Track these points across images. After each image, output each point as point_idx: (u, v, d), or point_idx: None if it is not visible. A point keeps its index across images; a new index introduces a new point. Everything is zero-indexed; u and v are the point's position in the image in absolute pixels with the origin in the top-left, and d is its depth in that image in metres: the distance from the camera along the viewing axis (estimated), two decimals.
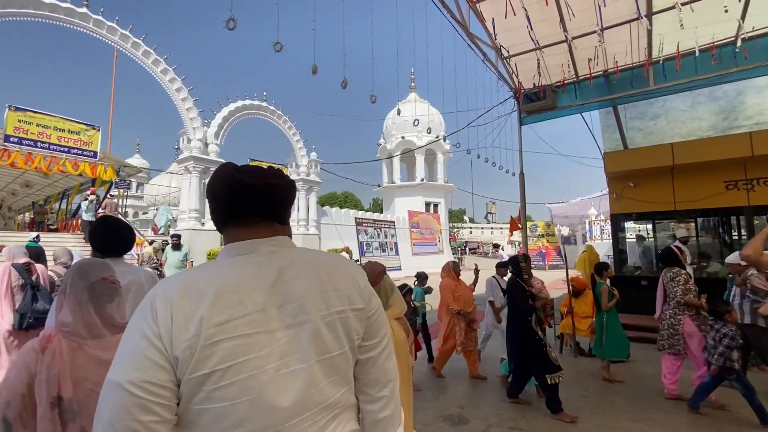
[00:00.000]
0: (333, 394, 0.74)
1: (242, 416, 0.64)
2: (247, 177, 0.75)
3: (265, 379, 0.66)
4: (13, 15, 7.65)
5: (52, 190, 20.61)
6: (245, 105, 11.68)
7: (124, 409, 0.59)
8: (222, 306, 0.66)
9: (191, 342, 0.63)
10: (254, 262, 0.73)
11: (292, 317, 0.71)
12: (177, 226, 14.57)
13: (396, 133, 26.22)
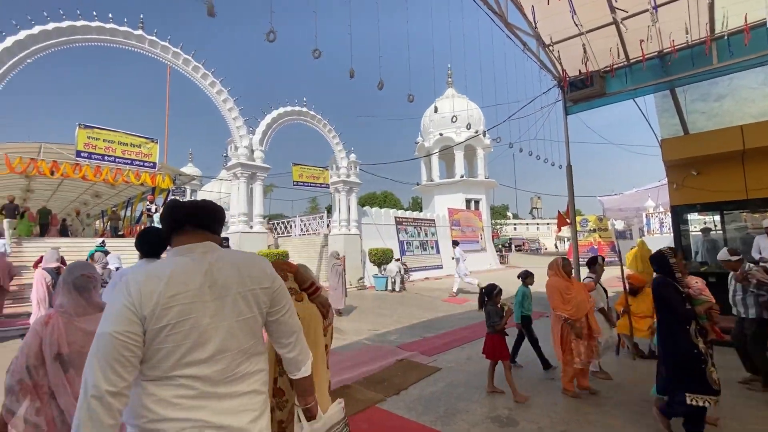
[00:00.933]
0: (246, 342, 1.17)
1: (184, 352, 1.06)
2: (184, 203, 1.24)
3: (201, 330, 1.08)
4: (79, 41, 8.49)
5: (118, 199, 22.56)
6: (286, 111, 12.13)
7: (113, 348, 0.98)
8: (173, 285, 1.08)
9: (153, 307, 1.03)
10: (192, 258, 1.16)
11: (218, 292, 1.13)
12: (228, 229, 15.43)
13: (434, 130, 25.97)
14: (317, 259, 15.51)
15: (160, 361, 1.05)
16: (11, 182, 16.45)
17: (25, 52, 7.69)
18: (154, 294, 1.05)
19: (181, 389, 1.05)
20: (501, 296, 4.06)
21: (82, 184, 19.19)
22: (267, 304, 1.23)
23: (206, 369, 1.08)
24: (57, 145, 14.39)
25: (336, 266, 8.64)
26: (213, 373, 1.09)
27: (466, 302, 10.47)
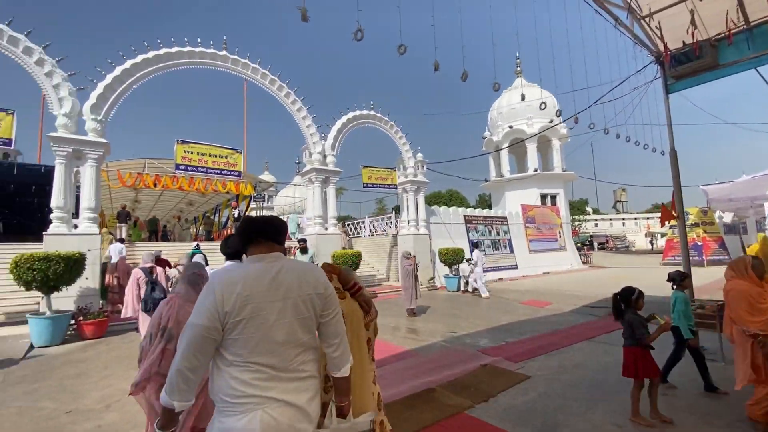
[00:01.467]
0: (304, 337, 1.44)
1: (257, 342, 1.35)
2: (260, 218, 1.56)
3: (269, 325, 1.36)
4: (176, 66, 9.51)
5: (208, 206, 25.02)
6: (355, 116, 12.42)
7: (198, 336, 1.30)
8: (248, 287, 1.36)
9: (233, 305, 1.33)
10: (263, 266, 1.45)
11: (282, 295, 1.41)
12: (305, 231, 16.23)
13: (502, 123, 24.85)
14: (386, 258, 15.67)
15: (239, 348, 1.35)
16: (123, 194, 19.06)
17: (131, 78, 8.83)
18: (233, 294, 1.35)
19: (255, 373, 1.35)
20: (643, 300, 3.40)
21: (179, 194, 21.65)
22: (320, 307, 1.49)
23: (273, 358, 1.38)
24: (158, 160, 16.40)
25: (407, 266, 8.60)
26: (278, 360, 1.38)
27: (548, 305, 9.79)
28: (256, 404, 1.32)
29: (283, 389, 1.37)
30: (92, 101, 8.29)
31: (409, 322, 8.01)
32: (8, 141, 7.64)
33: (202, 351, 1.33)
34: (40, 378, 4.91)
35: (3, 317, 8.11)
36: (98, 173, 8.32)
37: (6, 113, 7.61)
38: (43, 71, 7.82)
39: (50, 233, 7.58)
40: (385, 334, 6.93)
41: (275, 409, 1.34)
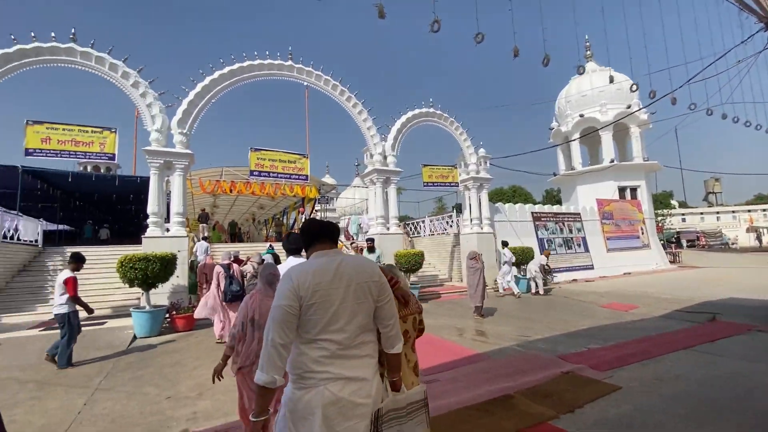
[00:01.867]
0: (363, 320, 1.67)
1: (324, 323, 1.59)
2: (320, 222, 1.86)
3: (334, 308, 1.61)
4: (248, 78, 10.18)
5: (277, 209, 26.54)
6: (414, 114, 12.34)
7: (283, 314, 1.55)
8: (316, 277, 1.63)
9: (306, 290, 1.58)
10: (327, 260, 1.71)
11: (344, 283, 1.65)
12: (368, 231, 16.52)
13: (572, 112, 23.16)
14: (448, 258, 15.38)
15: (310, 328, 1.60)
16: (203, 200, 20.92)
17: (210, 93, 9.63)
18: (306, 282, 1.62)
19: (322, 350, 1.59)
20: None
21: (251, 199, 23.25)
22: (376, 293, 1.72)
23: (338, 336, 1.61)
24: (234, 168, 17.73)
25: (473, 266, 8.32)
26: (343, 339, 1.62)
27: (633, 308, 8.89)
28: (320, 380, 1.56)
29: (345, 365, 1.60)
30: (178, 116, 9.18)
31: (476, 324, 7.75)
32: (112, 156, 8.74)
33: (288, 326, 1.58)
34: (143, 365, 5.52)
35: (110, 310, 9.31)
36: (185, 181, 9.20)
37: (110, 131, 8.71)
38: (138, 92, 8.83)
39: (147, 236, 8.53)
40: (452, 336, 6.77)
41: (336, 384, 1.56)
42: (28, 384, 4.80)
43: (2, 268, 9.70)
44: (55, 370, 5.29)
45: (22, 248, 10.96)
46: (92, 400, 4.20)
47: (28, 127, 7.99)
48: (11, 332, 7.26)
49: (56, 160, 8.34)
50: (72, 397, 4.33)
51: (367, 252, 8.46)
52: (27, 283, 9.98)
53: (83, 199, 19.47)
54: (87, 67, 8.49)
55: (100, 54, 8.53)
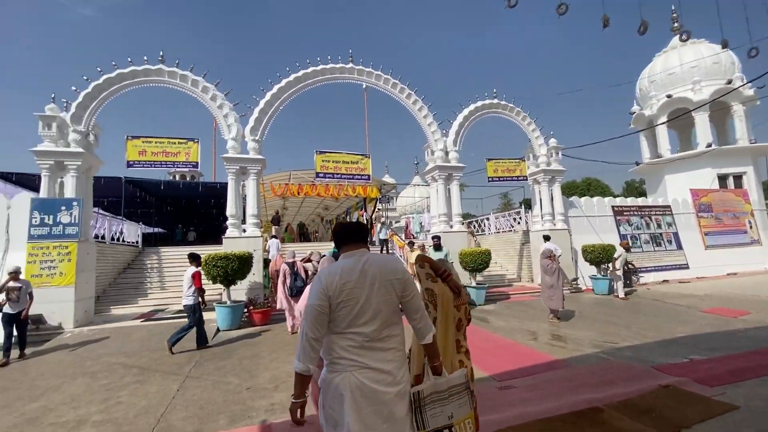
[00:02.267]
0: (388, 315, 1.81)
1: (352, 318, 1.75)
2: (348, 224, 2.03)
3: (360, 305, 1.76)
4: (312, 84, 10.54)
5: (340, 209, 27.37)
6: (477, 107, 11.87)
7: (315, 311, 1.73)
8: (343, 276, 1.78)
9: (334, 289, 1.75)
10: (353, 260, 1.87)
11: (369, 281, 1.80)
12: (429, 230, 16.32)
13: (657, 93, 20.73)
14: (516, 257, 14.59)
15: (339, 322, 1.76)
16: (274, 203, 22.21)
17: (278, 101, 10.16)
18: (333, 283, 1.77)
19: (350, 341, 1.75)
20: None
21: (317, 200, 24.30)
22: (400, 289, 1.84)
23: (364, 329, 1.75)
24: (301, 171, 18.59)
25: (549, 265, 7.74)
26: (369, 332, 1.76)
27: (744, 315, 7.66)
28: (348, 366, 1.73)
29: (371, 357, 1.75)
30: (251, 125, 9.80)
31: (552, 328, 7.20)
32: (195, 164, 9.60)
33: (320, 323, 1.75)
34: (226, 356, 5.94)
35: None
36: (258, 185, 9.80)
37: (193, 142, 9.58)
38: (216, 104, 9.59)
39: (227, 237, 9.23)
40: (526, 340, 6.36)
41: (362, 372, 1.72)
42: (133, 369, 5.41)
43: (111, 266, 11.15)
44: (156, 357, 5.91)
45: (126, 249, 12.52)
46: (184, 387, 4.60)
47: (128, 142, 9.08)
48: (118, 322, 8.30)
49: (150, 170, 9.36)
50: (168, 382, 4.78)
51: (433, 250, 8.25)
52: (130, 279, 11.36)
53: (173, 204, 21.82)
54: (173, 85, 9.41)
55: (184, 72, 9.40)
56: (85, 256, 8.39)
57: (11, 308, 6.28)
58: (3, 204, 8.83)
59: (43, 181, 8.33)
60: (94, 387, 4.71)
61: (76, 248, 8.11)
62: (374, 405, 1.70)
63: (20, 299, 6.36)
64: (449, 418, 1.88)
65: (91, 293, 8.71)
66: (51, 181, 8.38)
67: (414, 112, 11.35)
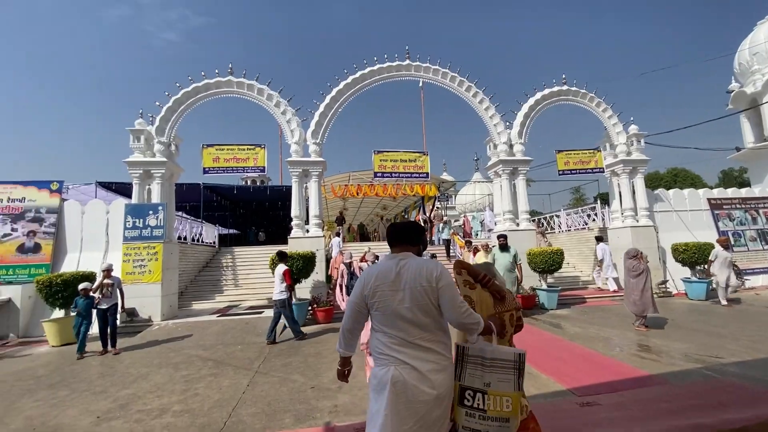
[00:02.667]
0: (422, 320, 1.84)
1: (386, 318, 1.89)
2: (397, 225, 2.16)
3: (393, 307, 1.86)
4: (370, 84, 10.56)
5: (398, 209, 27.37)
6: (544, 95, 11.03)
7: (353, 307, 2.00)
8: (378, 279, 1.93)
9: (369, 290, 1.93)
10: (393, 263, 1.96)
11: (402, 285, 1.87)
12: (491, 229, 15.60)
13: (760, 66, 17.73)
14: (592, 257, 13.33)
15: (377, 320, 1.90)
16: (335, 204, 22.78)
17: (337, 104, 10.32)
18: (369, 283, 1.90)
19: (390, 339, 1.84)
20: None
21: (375, 200, 24.53)
22: (434, 296, 1.84)
23: (397, 331, 1.83)
24: (359, 172, 18.86)
25: (634, 267, 6.88)
26: (403, 335, 1.82)
27: None
28: (391, 362, 1.81)
29: (410, 355, 1.79)
30: (312, 128, 10.07)
31: (639, 337, 6.39)
32: (263, 168, 10.10)
33: (356, 318, 1.98)
34: (291, 353, 6.09)
35: (266, 301, 10.75)
36: (320, 186, 10.05)
37: (260, 147, 10.09)
38: (279, 111, 10.00)
39: (292, 237, 9.58)
40: (608, 350, 5.69)
41: (404, 368, 1.78)
42: (209, 362, 5.75)
43: (192, 265, 12.15)
44: (229, 351, 6.25)
45: (205, 249, 13.60)
46: (253, 382, 4.76)
47: (204, 150, 9.80)
48: (198, 317, 8.97)
49: (224, 175, 10.02)
50: (239, 377, 4.99)
51: (500, 250, 7.72)
52: (208, 277, 12.30)
53: (245, 207, 23.40)
54: (241, 94, 9.99)
55: (250, 81, 9.94)
56: (169, 255, 9.20)
57: (104, 303, 6.61)
58: (102, 210, 10.02)
59: (134, 188, 9.30)
60: (175, 377, 5.07)
61: (162, 248, 8.93)
62: (410, 402, 1.75)
63: (112, 295, 6.74)
64: (485, 385, 1.93)
65: (175, 289, 9.54)
66: (140, 188, 9.32)
67: (474, 104, 10.86)
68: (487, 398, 1.90)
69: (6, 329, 8.45)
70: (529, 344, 6.07)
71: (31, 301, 8.72)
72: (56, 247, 9.83)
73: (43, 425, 3.79)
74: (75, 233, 9.99)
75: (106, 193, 15.31)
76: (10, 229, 9.68)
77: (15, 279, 9.23)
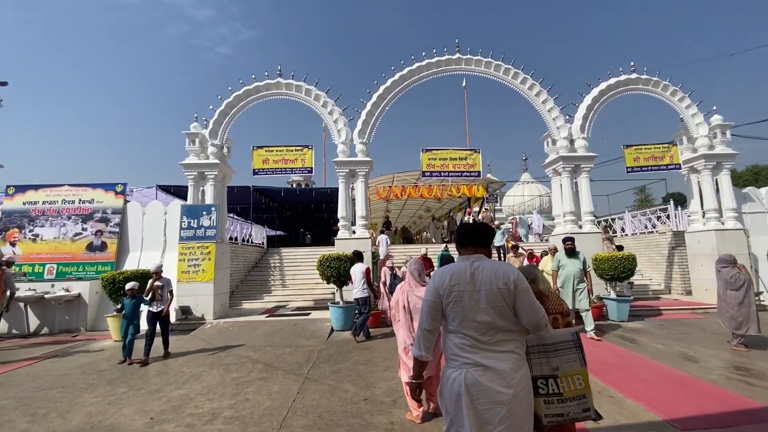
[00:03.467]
0: (498, 321, 1.81)
1: (461, 319, 1.84)
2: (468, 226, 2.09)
3: (468, 308, 1.83)
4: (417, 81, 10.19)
5: (442, 211, 26.73)
6: (610, 85, 10.05)
7: (429, 307, 1.92)
8: (453, 279, 1.88)
9: (444, 290, 1.88)
10: (467, 264, 1.93)
11: (478, 287, 1.84)
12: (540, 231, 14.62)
13: None
14: (664, 264, 12.02)
15: (451, 321, 1.89)
16: (379, 206, 22.63)
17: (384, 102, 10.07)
18: (444, 283, 1.90)
19: (463, 339, 1.83)
20: None
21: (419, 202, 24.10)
22: (511, 299, 1.83)
23: (473, 332, 1.82)
24: (403, 173, 18.54)
25: (734, 276, 5.91)
26: (478, 335, 1.81)
27: None
28: (464, 363, 1.80)
29: (484, 356, 1.78)
30: (358, 128, 9.90)
31: (739, 359, 5.46)
32: (310, 169, 10.07)
33: (434, 316, 1.91)
34: (341, 359, 5.84)
35: (313, 302, 10.70)
36: (366, 187, 9.83)
37: (308, 148, 10.07)
38: (326, 111, 9.92)
39: (338, 238, 9.43)
40: (703, 373, 4.87)
41: (477, 370, 1.76)
42: (258, 364, 5.64)
43: (242, 265, 12.43)
44: (278, 354, 6.14)
45: (254, 249, 13.91)
46: (303, 390, 4.54)
47: (254, 152, 9.95)
48: (248, 317, 9.06)
49: (273, 176, 10.11)
50: (288, 383, 4.80)
51: (567, 256, 6.77)
52: (257, 277, 12.52)
53: (291, 209, 23.90)
54: (290, 96, 10.04)
55: (298, 83, 9.96)
56: (221, 255, 9.39)
57: (154, 306, 6.18)
58: (161, 211, 10.47)
59: (190, 190, 9.61)
60: (227, 379, 4.98)
61: (215, 248, 9.13)
62: (490, 404, 1.73)
63: (163, 297, 6.28)
64: (554, 369, 2.05)
65: (227, 289, 9.73)
66: (195, 189, 9.62)
67: (531, 98, 10.13)
68: (559, 381, 2.03)
69: (76, 323, 9.02)
70: (603, 360, 5.38)
71: (97, 296, 9.25)
72: (120, 246, 10.41)
73: (101, 424, 3.78)
74: (136, 233, 10.53)
75: (165, 195, 16.18)
76: (81, 228, 10.39)
77: (84, 275, 9.87)
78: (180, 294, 8.86)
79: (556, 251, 7.67)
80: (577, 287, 6.72)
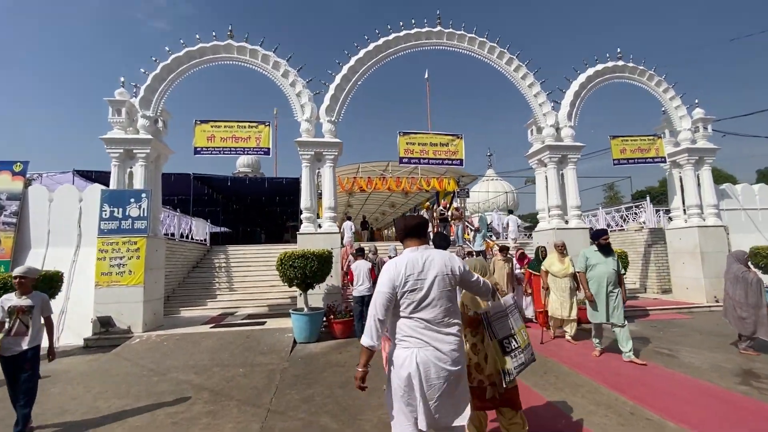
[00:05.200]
0: (447, 304, 2.17)
1: (415, 305, 2.13)
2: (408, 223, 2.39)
3: (422, 294, 2.13)
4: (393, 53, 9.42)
5: (406, 207, 26.26)
6: (597, 71, 9.90)
7: (385, 298, 2.12)
8: (408, 268, 2.17)
9: (400, 279, 2.14)
10: (418, 255, 2.24)
11: (431, 274, 2.17)
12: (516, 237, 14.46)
13: None
14: (640, 261, 12.25)
15: (405, 308, 2.13)
16: (340, 199, 21.61)
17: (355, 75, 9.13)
18: (400, 273, 2.14)
19: (415, 323, 2.11)
20: None
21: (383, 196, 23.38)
22: (456, 282, 2.25)
23: (426, 315, 2.11)
24: (370, 163, 17.71)
25: (742, 274, 5.74)
26: (430, 317, 2.11)
27: None
28: (414, 345, 2.09)
29: (434, 337, 2.10)
30: (326, 104, 8.91)
31: (754, 364, 5.26)
32: (267, 150, 8.90)
33: (387, 307, 2.12)
34: (311, 381, 4.92)
35: (267, 308, 9.59)
36: (334, 173, 8.88)
37: (264, 125, 8.90)
38: (287, 81, 8.82)
39: (302, 233, 8.40)
40: (732, 383, 4.53)
41: (427, 350, 2.07)
42: (203, 392, 4.57)
43: (181, 265, 10.97)
44: (229, 376, 5.08)
45: (195, 246, 12.41)
46: (267, 429, 3.59)
47: (197, 127, 8.62)
48: (187, 327, 7.78)
49: (217, 158, 8.84)
50: (246, 417, 3.82)
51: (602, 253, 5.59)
52: (199, 279, 11.12)
53: (238, 202, 22.14)
54: (242, 62, 8.81)
55: (253, 47, 8.77)
56: (153, 253, 8.01)
57: (13, 345, 3.49)
58: (75, 197, 8.82)
59: (113, 171, 8.11)
60: (159, 419, 3.88)
61: (145, 244, 7.74)
62: (436, 380, 2.05)
63: (30, 328, 3.57)
64: (511, 328, 2.65)
65: (160, 293, 8.35)
66: (120, 171, 8.13)
67: (517, 80, 9.71)
68: (517, 337, 2.65)
69: None
70: (618, 372, 4.91)
71: None
72: (18, 241, 8.65)
73: None
74: (41, 224, 8.81)
75: (84, 182, 14.09)
76: None
77: None
78: (99, 301, 7.41)
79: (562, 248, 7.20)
80: (610, 293, 5.49)
